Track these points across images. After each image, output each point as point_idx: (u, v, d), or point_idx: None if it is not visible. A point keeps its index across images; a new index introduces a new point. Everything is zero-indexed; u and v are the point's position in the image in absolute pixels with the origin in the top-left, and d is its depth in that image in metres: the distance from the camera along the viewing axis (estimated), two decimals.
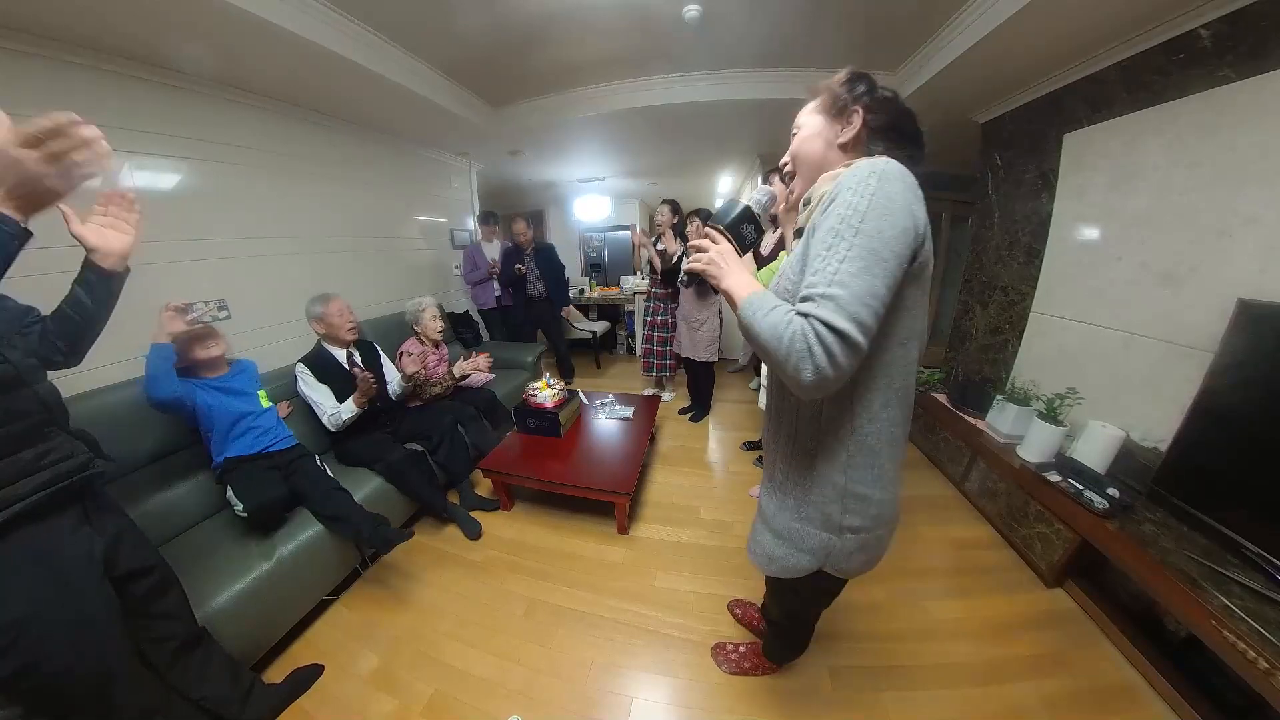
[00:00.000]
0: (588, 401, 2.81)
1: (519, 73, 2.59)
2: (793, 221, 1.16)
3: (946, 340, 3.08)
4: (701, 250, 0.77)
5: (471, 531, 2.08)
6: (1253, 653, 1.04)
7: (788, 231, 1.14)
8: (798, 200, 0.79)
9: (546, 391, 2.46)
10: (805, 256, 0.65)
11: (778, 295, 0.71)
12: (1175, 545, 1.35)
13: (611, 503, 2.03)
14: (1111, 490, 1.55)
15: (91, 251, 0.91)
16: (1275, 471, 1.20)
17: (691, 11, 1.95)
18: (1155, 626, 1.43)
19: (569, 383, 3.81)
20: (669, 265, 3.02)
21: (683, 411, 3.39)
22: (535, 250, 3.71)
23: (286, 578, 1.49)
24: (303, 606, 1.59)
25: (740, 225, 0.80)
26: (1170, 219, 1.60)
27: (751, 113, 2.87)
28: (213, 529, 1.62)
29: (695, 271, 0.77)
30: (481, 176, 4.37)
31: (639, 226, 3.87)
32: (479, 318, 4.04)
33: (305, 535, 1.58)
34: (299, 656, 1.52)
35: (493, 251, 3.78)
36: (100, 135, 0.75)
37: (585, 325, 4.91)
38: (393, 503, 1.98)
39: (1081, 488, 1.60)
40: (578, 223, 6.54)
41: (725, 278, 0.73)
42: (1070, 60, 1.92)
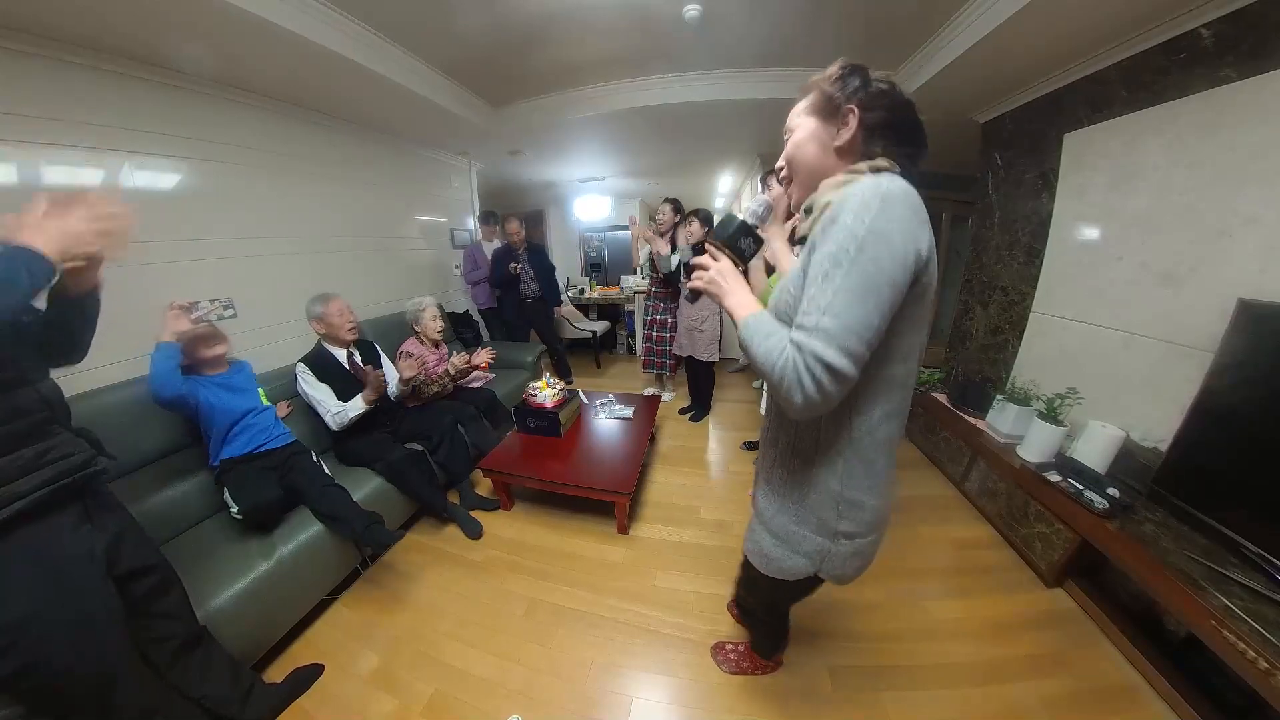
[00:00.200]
0: (588, 401, 2.81)
1: (519, 73, 2.59)
2: (782, 235, 1.16)
3: (946, 340, 3.08)
4: (703, 268, 0.81)
5: (472, 531, 2.08)
6: (1253, 653, 1.04)
7: (778, 244, 1.14)
8: (797, 206, 0.79)
9: (546, 391, 2.47)
10: (804, 272, 0.65)
11: (779, 311, 0.72)
12: (1175, 545, 1.35)
13: (611, 502, 2.03)
14: (1111, 490, 1.55)
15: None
16: (1275, 471, 1.20)
17: (691, 11, 1.95)
18: (1155, 626, 1.43)
19: (569, 383, 3.81)
20: (668, 269, 3.00)
21: (683, 411, 3.39)
22: (528, 250, 3.67)
23: (287, 577, 1.49)
24: (303, 606, 1.59)
25: (739, 240, 0.82)
26: (1170, 219, 1.60)
27: (751, 113, 2.87)
28: (213, 528, 1.62)
29: (697, 290, 0.81)
30: (481, 176, 4.37)
31: (637, 218, 3.82)
32: (479, 317, 4.04)
33: (305, 535, 1.59)
34: (299, 656, 1.52)
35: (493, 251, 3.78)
36: (128, 214, 0.88)
37: (585, 325, 4.90)
38: (393, 502, 1.98)
39: (1081, 488, 1.60)
40: (578, 222, 6.55)
41: (726, 297, 0.76)
42: (1070, 60, 1.92)
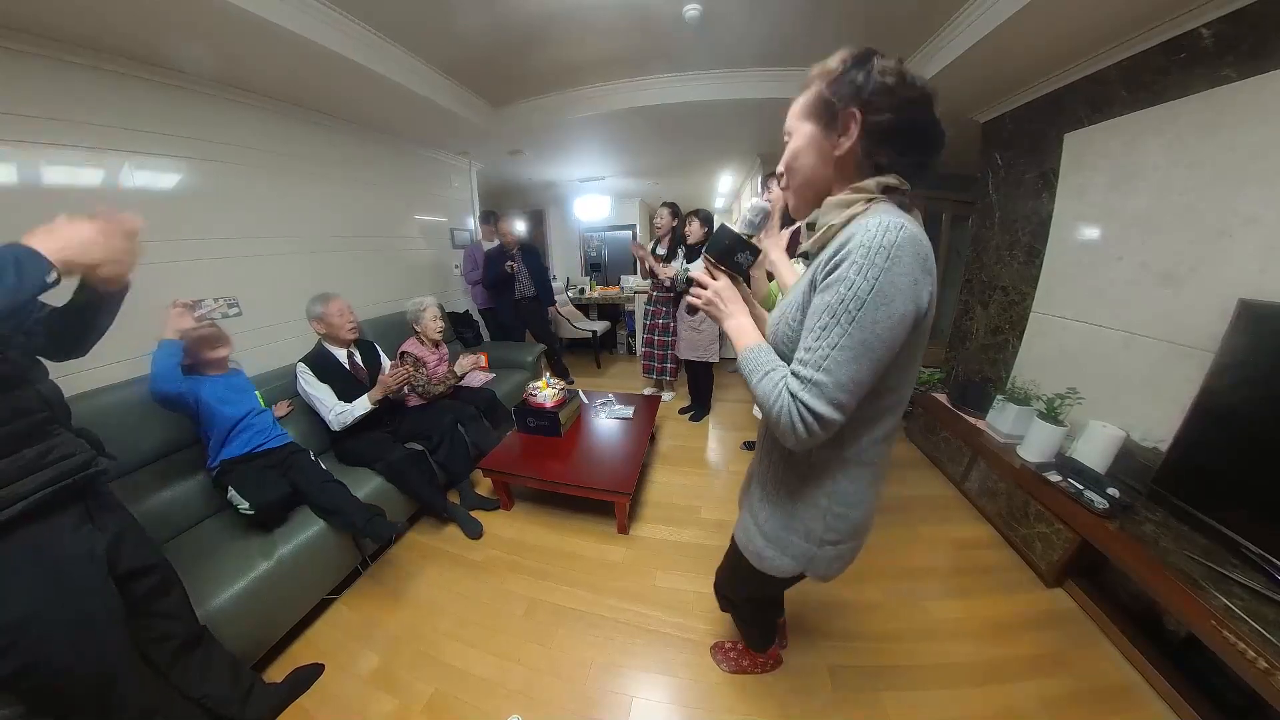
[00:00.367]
0: (588, 401, 2.81)
1: (519, 73, 2.59)
2: (779, 246, 1.16)
3: (946, 340, 3.07)
4: (701, 287, 0.82)
5: (472, 531, 2.08)
6: (1253, 653, 1.04)
7: (775, 255, 1.13)
8: (795, 215, 0.78)
9: (546, 391, 2.47)
10: (804, 305, 0.66)
11: (778, 338, 0.73)
12: (1175, 545, 1.35)
13: (612, 502, 2.03)
14: (1111, 490, 1.55)
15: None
16: (1275, 471, 1.20)
17: (691, 11, 1.95)
18: (1155, 626, 1.43)
19: (569, 383, 3.81)
20: (682, 285, 2.99)
21: (683, 411, 3.39)
22: (522, 250, 3.65)
23: (287, 577, 1.49)
24: (303, 606, 1.59)
25: (734, 255, 0.81)
26: (1170, 219, 1.60)
27: (751, 113, 2.87)
28: (214, 528, 1.62)
29: (696, 309, 0.83)
30: (481, 176, 4.37)
31: (637, 240, 3.83)
32: (479, 317, 4.04)
33: (306, 535, 1.59)
34: (299, 656, 1.52)
35: None
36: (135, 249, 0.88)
37: (585, 325, 4.90)
38: (393, 502, 1.98)
39: (1082, 488, 1.60)
40: (578, 222, 6.55)
41: (725, 320, 0.78)
42: (1070, 60, 1.92)
